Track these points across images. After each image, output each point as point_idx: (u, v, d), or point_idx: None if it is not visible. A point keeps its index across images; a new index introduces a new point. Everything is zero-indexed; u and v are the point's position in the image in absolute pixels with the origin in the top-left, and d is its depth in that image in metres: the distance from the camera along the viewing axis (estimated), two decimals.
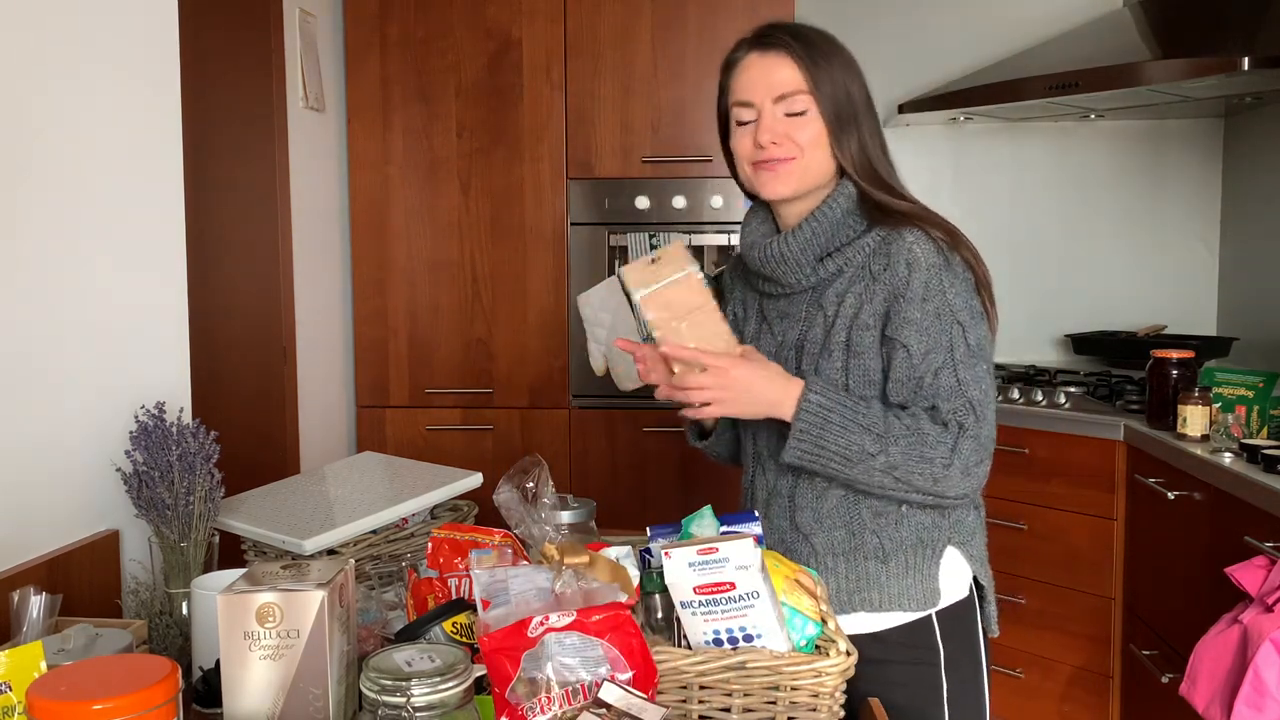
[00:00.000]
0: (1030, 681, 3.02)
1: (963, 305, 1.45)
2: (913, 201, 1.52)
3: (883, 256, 1.47)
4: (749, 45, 1.53)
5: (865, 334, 1.47)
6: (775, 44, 1.50)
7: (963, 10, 3.67)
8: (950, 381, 1.43)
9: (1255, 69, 2.55)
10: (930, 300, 1.44)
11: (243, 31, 2.88)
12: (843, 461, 1.40)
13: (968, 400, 1.42)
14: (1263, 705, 1.81)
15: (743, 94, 1.51)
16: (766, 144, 1.48)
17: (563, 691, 1.06)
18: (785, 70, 1.48)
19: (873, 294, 1.47)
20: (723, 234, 3.32)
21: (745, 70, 1.52)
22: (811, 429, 1.40)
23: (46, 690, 0.88)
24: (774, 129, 1.48)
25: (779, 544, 1.56)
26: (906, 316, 1.44)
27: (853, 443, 1.39)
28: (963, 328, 1.44)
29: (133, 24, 1.69)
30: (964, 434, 1.41)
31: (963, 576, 1.54)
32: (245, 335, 2.93)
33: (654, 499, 3.35)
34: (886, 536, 1.50)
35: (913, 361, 1.44)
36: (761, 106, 1.49)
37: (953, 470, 1.40)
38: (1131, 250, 3.64)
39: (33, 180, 1.49)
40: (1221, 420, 2.45)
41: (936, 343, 1.43)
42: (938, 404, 1.43)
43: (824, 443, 1.40)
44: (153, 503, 1.48)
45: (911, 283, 1.44)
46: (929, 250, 1.45)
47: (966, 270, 1.47)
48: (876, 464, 1.39)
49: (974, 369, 1.44)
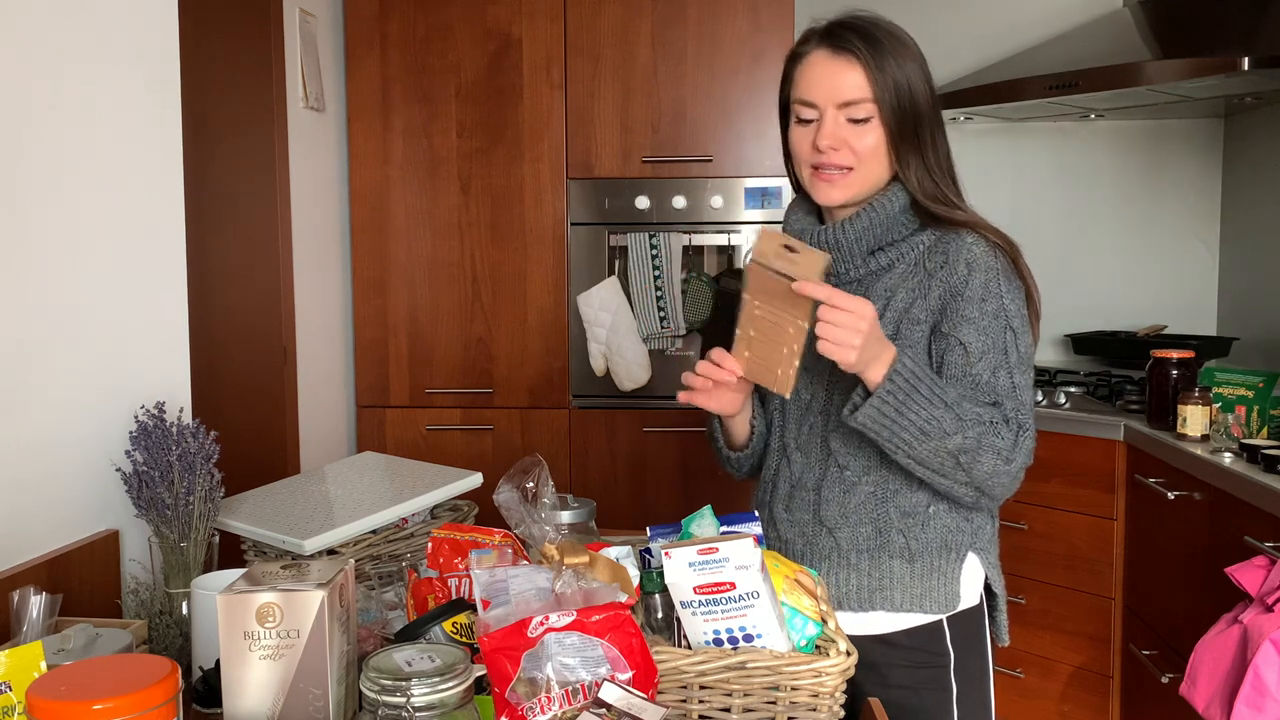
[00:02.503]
0: (1030, 681, 3.02)
1: (1016, 311, 1.45)
2: (968, 211, 1.51)
3: (940, 254, 1.47)
4: (818, 40, 1.49)
5: (915, 328, 1.47)
6: (845, 47, 1.46)
7: (963, 10, 3.67)
8: (1008, 383, 1.43)
9: (1255, 69, 2.55)
10: (989, 301, 1.44)
11: (243, 31, 2.88)
12: (918, 434, 1.36)
13: (1022, 403, 1.43)
14: (1263, 705, 1.81)
15: (806, 93, 1.48)
16: (825, 149, 1.46)
17: (563, 691, 1.06)
18: (853, 76, 1.45)
19: (927, 289, 1.47)
20: (722, 234, 3.32)
21: (812, 68, 1.48)
22: (898, 392, 1.35)
23: (46, 690, 0.88)
24: (835, 134, 1.46)
25: (799, 537, 1.55)
26: (965, 314, 1.44)
27: (934, 416, 1.36)
28: (1015, 334, 1.45)
29: (133, 24, 1.69)
30: (1024, 433, 1.42)
31: (977, 583, 1.54)
32: (245, 335, 2.93)
33: (654, 499, 3.35)
34: (913, 537, 1.49)
35: (970, 359, 1.43)
36: (824, 110, 1.46)
37: (1013, 466, 1.41)
38: (1131, 250, 3.64)
39: (33, 180, 1.49)
40: (1221, 420, 2.45)
41: (993, 344, 1.44)
42: (1000, 400, 1.43)
43: (906, 409, 1.36)
44: (153, 503, 1.48)
45: (971, 282, 1.44)
46: (988, 253, 1.46)
47: (1020, 280, 1.48)
48: (950, 444, 1.37)
49: (1025, 375, 1.45)
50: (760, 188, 3.27)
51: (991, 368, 1.43)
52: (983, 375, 1.43)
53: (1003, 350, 1.44)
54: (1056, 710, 2.98)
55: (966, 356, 1.44)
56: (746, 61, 3.27)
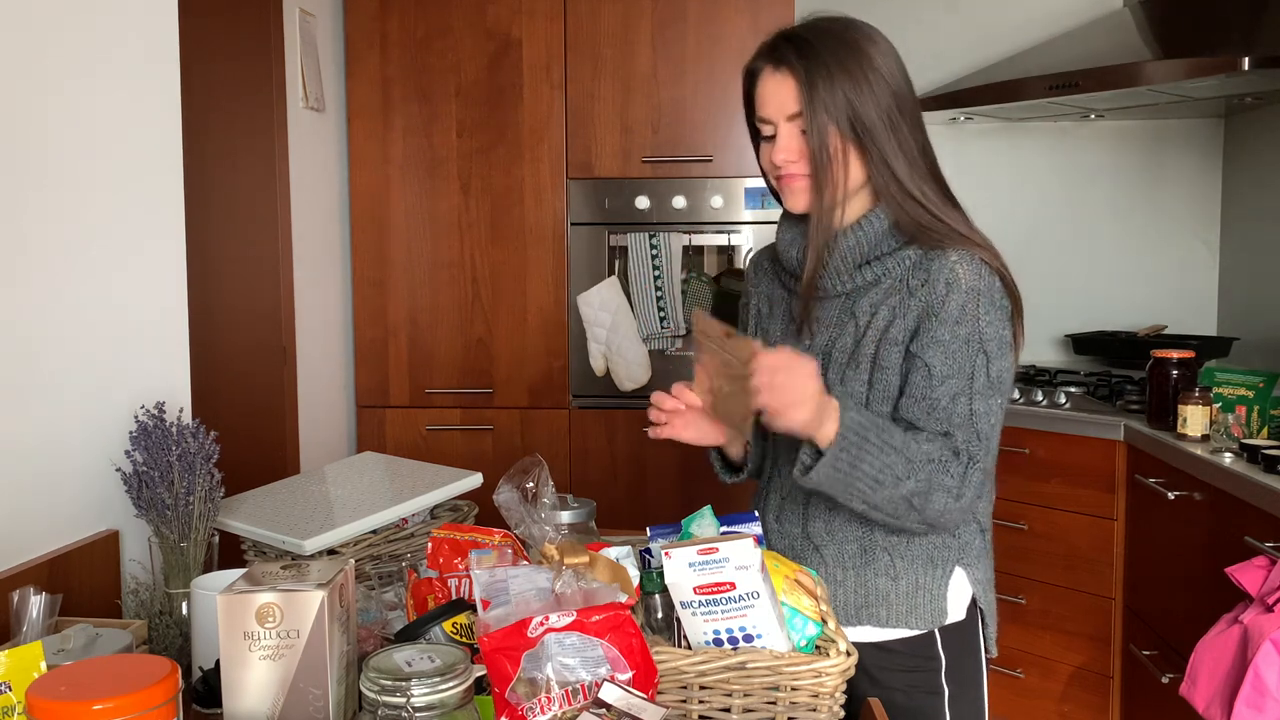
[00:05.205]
0: (1030, 681, 3.02)
1: (993, 335, 1.43)
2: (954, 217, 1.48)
3: (923, 272, 1.45)
4: (764, 56, 1.50)
5: (893, 349, 1.45)
6: (782, 61, 1.47)
7: (963, 10, 3.67)
8: (964, 410, 1.41)
9: (1255, 69, 2.55)
10: (963, 324, 1.42)
11: (243, 31, 2.88)
12: (872, 484, 1.36)
13: (977, 432, 1.41)
14: (1263, 705, 1.81)
15: (761, 110, 1.50)
16: (780, 162, 1.48)
17: (563, 691, 1.06)
18: (789, 90, 1.45)
19: (907, 309, 1.45)
20: (722, 234, 3.32)
21: (762, 85, 1.50)
22: (851, 447, 1.34)
23: (46, 690, 0.88)
24: (788, 147, 1.47)
25: (788, 550, 1.55)
26: (935, 336, 1.42)
27: (886, 464, 1.35)
28: (987, 358, 1.42)
29: (133, 24, 1.69)
30: (974, 465, 1.40)
31: (965, 598, 1.53)
32: (245, 335, 2.93)
33: (654, 499, 3.35)
34: (899, 554, 1.49)
35: (932, 382, 1.41)
36: (777, 124, 1.48)
37: (963, 500, 1.40)
38: (1131, 250, 3.64)
39: (33, 180, 1.49)
40: (1221, 420, 2.45)
41: (959, 369, 1.41)
42: (951, 431, 1.41)
43: (860, 462, 1.35)
44: (153, 503, 1.48)
45: (948, 303, 1.42)
46: (971, 272, 1.42)
47: (1005, 298, 1.44)
48: (903, 489, 1.36)
49: (989, 401, 1.42)
50: (760, 188, 3.27)
51: (952, 394, 1.41)
52: (941, 400, 1.41)
53: (968, 376, 1.41)
54: (1056, 710, 2.97)
55: (929, 379, 1.42)
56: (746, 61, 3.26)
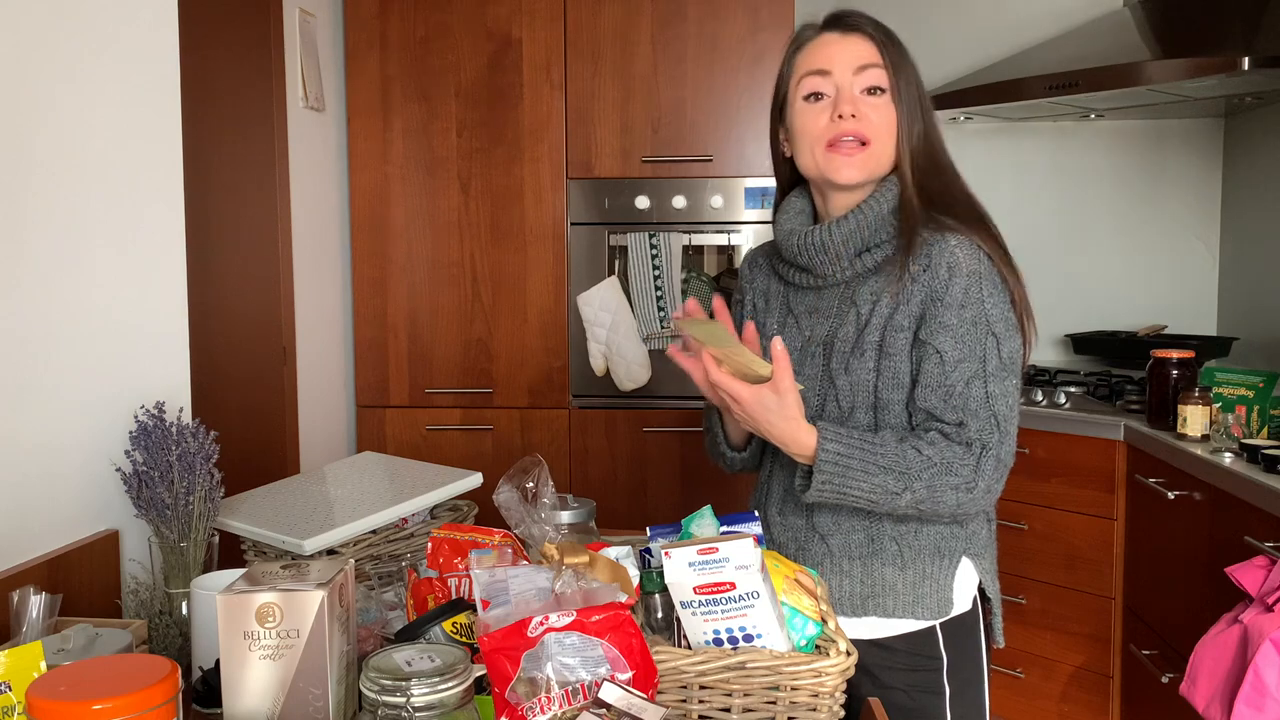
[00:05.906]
0: (1030, 681, 3.02)
1: (999, 316, 1.42)
2: (968, 206, 1.49)
3: (924, 257, 1.44)
4: (824, 26, 1.50)
5: (899, 335, 1.45)
6: (856, 26, 1.47)
7: (963, 10, 3.67)
8: (980, 394, 1.41)
9: (1255, 69, 2.55)
10: (968, 307, 1.41)
11: (243, 31, 2.88)
12: (866, 503, 1.39)
13: (994, 415, 1.41)
14: (1263, 705, 1.81)
15: (819, 62, 1.46)
16: (846, 115, 1.43)
17: (563, 691, 1.06)
18: (867, 46, 1.46)
19: (910, 295, 1.44)
20: (722, 234, 3.32)
21: (822, 45, 1.48)
22: (834, 478, 1.37)
23: (46, 690, 0.88)
24: (853, 100, 1.44)
25: (792, 541, 1.55)
26: (943, 321, 1.42)
27: (876, 486, 1.37)
28: (997, 339, 1.42)
29: (133, 24, 1.69)
30: (986, 453, 1.40)
31: (971, 588, 1.53)
32: (245, 335, 2.93)
33: (654, 499, 3.35)
34: (906, 544, 1.49)
35: (945, 368, 1.41)
36: (841, 77, 1.45)
37: (976, 491, 1.40)
38: (1131, 250, 3.64)
39: (33, 180, 1.49)
40: (1221, 420, 2.45)
41: (970, 352, 1.41)
42: (965, 420, 1.40)
43: (846, 490, 1.38)
44: (152, 503, 1.48)
45: (951, 287, 1.41)
46: (971, 256, 1.42)
47: (1005, 284, 1.45)
48: (902, 501, 1.38)
49: (1004, 383, 1.42)
50: (760, 188, 3.27)
51: (966, 378, 1.41)
52: (956, 385, 1.41)
53: (980, 358, 1.41)
54: (1056, 710, 2.97)
55: (942, 365, 1.41)
56: (746, 61, 3.27)
